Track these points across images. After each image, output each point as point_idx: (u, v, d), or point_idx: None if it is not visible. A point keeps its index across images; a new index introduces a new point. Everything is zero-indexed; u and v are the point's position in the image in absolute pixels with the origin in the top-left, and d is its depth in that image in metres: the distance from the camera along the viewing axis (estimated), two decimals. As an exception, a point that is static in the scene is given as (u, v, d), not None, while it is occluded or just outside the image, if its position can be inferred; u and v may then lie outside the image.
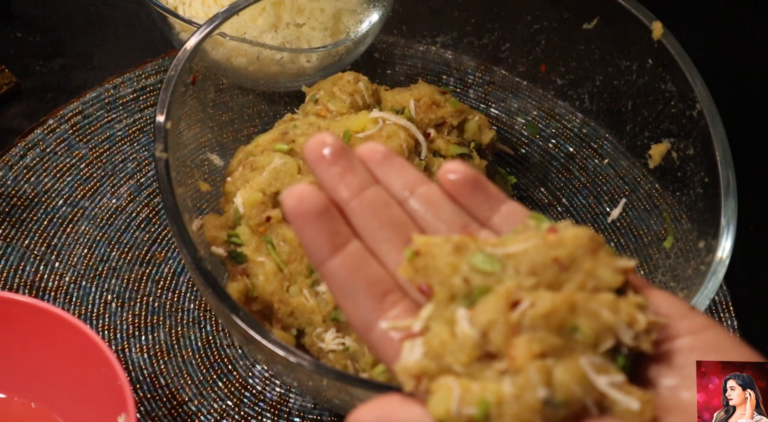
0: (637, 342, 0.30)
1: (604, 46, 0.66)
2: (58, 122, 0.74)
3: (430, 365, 0.29)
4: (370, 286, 0.33)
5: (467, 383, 0.29)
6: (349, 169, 0.35)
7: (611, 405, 0.29)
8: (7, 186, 0.70)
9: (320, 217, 0.33)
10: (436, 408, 0.29)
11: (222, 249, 0.57)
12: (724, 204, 0.53)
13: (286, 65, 0.69)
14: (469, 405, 0.28)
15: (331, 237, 0.33)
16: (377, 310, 0.33)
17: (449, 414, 0.28)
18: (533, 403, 0.28)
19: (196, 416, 0.60)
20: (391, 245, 0.34)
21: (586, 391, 0.28)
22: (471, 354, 0.29)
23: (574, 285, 0.30)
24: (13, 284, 0.65)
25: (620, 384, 0.29)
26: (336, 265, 0.33)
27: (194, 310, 0.65)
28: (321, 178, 0.35)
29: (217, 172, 0.63)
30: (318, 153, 0.35)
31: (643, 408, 0.28)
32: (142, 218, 0.70)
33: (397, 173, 0.36)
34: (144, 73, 0.78)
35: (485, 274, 0.31)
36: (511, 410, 0.28)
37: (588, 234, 0.31)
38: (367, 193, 0.35)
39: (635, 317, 0.30)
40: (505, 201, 0.36)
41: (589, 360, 0.29)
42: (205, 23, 0.58)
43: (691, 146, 0.59)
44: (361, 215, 0.34)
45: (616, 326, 0.29)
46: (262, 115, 0.69)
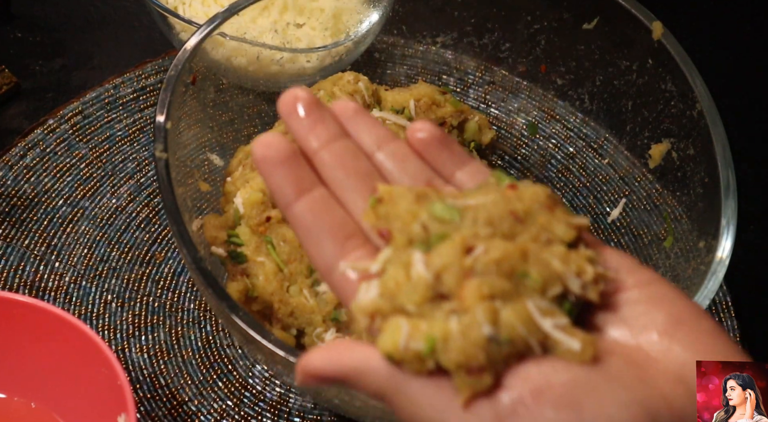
0: (585, 292, 0.31)
1: (604, 46, 0.66)
2: (58, 122, 0.74)
3: (384, 304, 0.30)
4: (333, 229, 0.34)
5: (416, 321, 0.30)
6: (319, 121, 0.36)
7: (554, 346, 0.30)
8: (7, 186, 0.70)
9: (286, 162, 0.34)
10: (384, 344, 0.30)
11: (222, 249, 0.57)
12: (724, 204, 0.53)
13: (286, 65, 0.69)
14: (416, 340, 0.29)
15: (297, 181, 0.34)
16: (339, 252, 0.34)
17: (397, 348, 0.29)
18: (478, 339, 0.29)
19: (196, 416, 0.60)
20: (356, 194, 0.35)
21: (531, 331, 0.29)
22: (424, 294, 0.30)
23: (528, 236, 0.32)
24: (13, 284, 0.65)
25: (564, 326, 0.30)
26: (301, 208, 0.34)
27: (194, 310, 0.65)
28: (292, 129, 0.36)
29: (217, 172, 0.63)
30: (291, 105, 0.36)
31: (584, 349, 0.29)
32: (142, 218, 0.70)
33: (368, 129, 0.37)
34: (144, 73, 0.78)
35: (443, 222, 0.32)
36: (456, 345, 0.29)
37: (546, 192, 0.33)
38: (336, 144, 0.36)
39: (584, 267, 0.31)
40: (470, 160, 0.37)
41: (536, 303, 0.30)
42: (205, 23, 0.58)
43: (691, 146, 0.59)
44: (329, 165, 0.35)
45: (565, 274, 0.31)
46: (262, 115, 0.69)
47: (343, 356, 0.31)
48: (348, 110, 0.37)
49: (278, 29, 0.70)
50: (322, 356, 0.31)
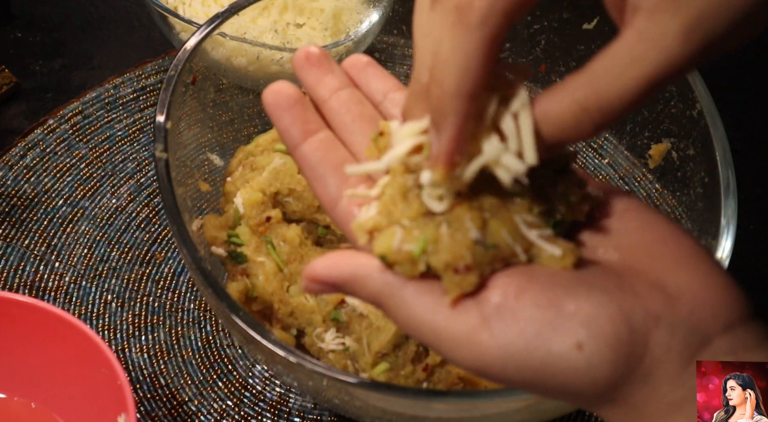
0: (571, 211, 0.33)
1: (603, 46, 0.66)
2: (58, 122, 0.74)
3: (381, 221, 0.32)
4: (337, 167, 0.36)
5: (410, 229, 0.32)
6: (328, 72, 0.38)
7: (538, 254, 0.32)
8: (7, 186, 0.70)
9: (293, 106, 0.37)
10: (379, 246, 0.32)
11: (222, 249, 0.57)
12: (724, 204, 0.53)
13: (286, 65, 0.69)
14: (409, 242, 0.31)
15: (303, 124, 0.37)
16: (342, 188, 0.36)
17: (391, 249, 0.31)
18: (465, 241, 0.31)
19: (196, 416, 0.60)
20: (361, 136, 0.37)
21: (515, 238, 0.31)
22: (418, 210, 0.32)
23: None
24: (13, 284, 0.65)
25: (547, 236, 0.32)
26: (307, 148, 0.37)
27: (194, 310, 0.65)
28: (302, 79, 0.38)
29: (217, 172, 0.63)
30: (302, 60, 0.39)
31: (565, 255, 0.31)
32: (142, 218, 0.70)
33: (376, 79, 0.39)
34: (144, 73, 0.78)
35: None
36: (445, 247, 0.31)
37: None
38: (342, 92, 0.38)
39: (571, 189, 0.33)
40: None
41: (522, 217, 0.32)
42: (205, 23, 0.58)
43: (691, 146, 0.59)
44: (336, 111, 0.38)
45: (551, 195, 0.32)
46: (262, 115, 0.69)
47: (343, 263, 0.33)
48: (360, 61, 0.39)
49: (278, 29, 0.70)
50: (325, 263, 0.33)
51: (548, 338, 0.29)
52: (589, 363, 0.29)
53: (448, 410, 0.46)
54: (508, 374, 0.30)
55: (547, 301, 0.29)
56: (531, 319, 0.29)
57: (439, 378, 0.54)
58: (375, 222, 0.33)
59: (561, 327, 0.29)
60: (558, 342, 0.29)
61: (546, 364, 0.29)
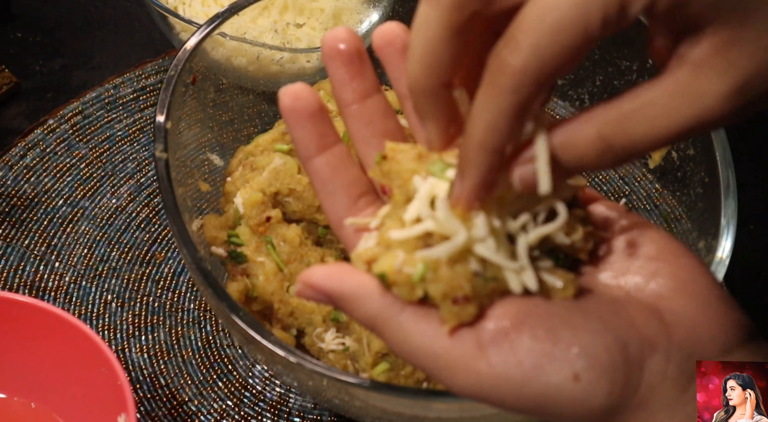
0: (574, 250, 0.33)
1: (604, 46, 0.66)
2: (58, 122, 0.74)
3: (379, 251, 0.32)
4: (348, 186, 0.36)
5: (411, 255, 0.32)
6: (359, 73, 0.36)
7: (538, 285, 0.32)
8: (7, 186, 0.70)
9: (312, 117, 0.35)
10: (379, 267, 0.32)
11: (222, 249, 0.57)
12: (724, 204, 0.53)
13: (286, 65, 0.69)
14: (409, 266, 0.31)
15: (320, 137, 0.35)
16: (351, 208, 0.36)
17: (391, 269, 0.31)
18: (465, 273, 0.31)
19: (196, 416, 0.60)
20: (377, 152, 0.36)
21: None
22: (416, 244, 0.32)
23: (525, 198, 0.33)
24: (13, 284, 0.65)
25: (548, 268, 0.32)
26: (320, 163, 0.36)
27: (194, 310, 0.65)
28: (331, 74, 0.36)
29: (217, 172, 0.63)
30: (333, 47, 0.35)
31: (566, 286, 0.31)
32: (142, 218, 0.70)
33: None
34: (144, 73, 0.78)
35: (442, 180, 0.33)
36: (444, 276, 0.31)
37: None
38: (369, 101, 0.36)
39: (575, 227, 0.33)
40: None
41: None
42: (205, 23, 0.58)
43: (691, 146, 0.59)
44: (358, 120, 0.36)
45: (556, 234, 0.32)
46: (262, 115, 0.69)
47: (343, 277, 0.32)
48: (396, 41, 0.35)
49: (278, 29, 0.70)
50: (324, 272, 0.33)
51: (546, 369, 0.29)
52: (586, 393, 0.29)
53: (448, 410, 0.46)
54: (506, 402, 0.30)
55: (545, 332, 0.30)
56: (529, 350, 0.30)
57: (439, 378, 0.54)
58: (373, 253, 0.32)
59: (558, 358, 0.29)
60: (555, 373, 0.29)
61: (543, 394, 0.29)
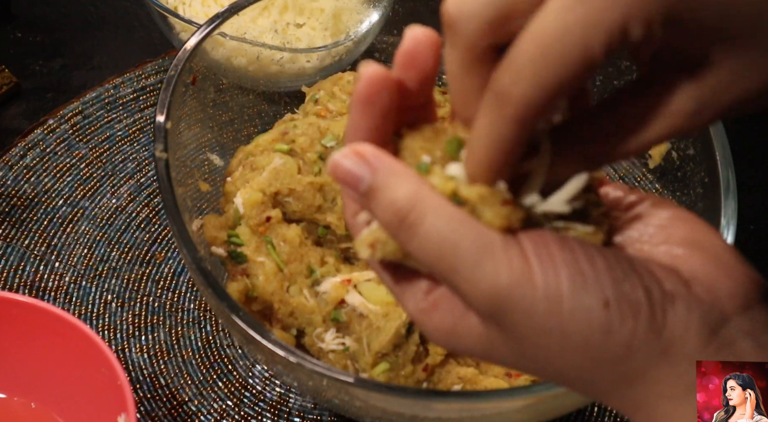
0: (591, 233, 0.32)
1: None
2: (58, 122, 0.74)
3: (381, 234, 0.32)
4: None
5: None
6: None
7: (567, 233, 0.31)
8: (7, 186, 0.70)
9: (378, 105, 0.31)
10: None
11: (222, 249, 0.57)
12: (724, 204, 0.53)
13: (286, 65, 0.69)
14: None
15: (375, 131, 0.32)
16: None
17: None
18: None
19: (196, 416, 0.60)
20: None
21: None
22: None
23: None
24: (13, 284, 0.65)
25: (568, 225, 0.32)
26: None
27: (194, 310, 0.65)
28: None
29: (217, 172, 0.63)
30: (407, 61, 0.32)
31: (596, 230, 0.31)
32: (142, 218, 0.70)
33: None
34: (144, 73, 0.78)
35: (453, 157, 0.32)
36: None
37: None
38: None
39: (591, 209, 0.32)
40: None
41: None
42: (205, 23, 0.58)
43: (691, 146, 0.59)
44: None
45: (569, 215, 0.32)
46: (262, 115, 0.69)
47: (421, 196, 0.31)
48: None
49: (278, 29, 0.70)
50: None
51: (580, 287, 0.29)
52: (611, 324, 0.29)
53: (448, 410, 0.46)
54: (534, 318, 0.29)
55: (583, 253, 0.29)
56: (566, 264, 0.29)
57: (439, 378, 0.54)
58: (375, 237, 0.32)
59: (593, 280, 0.29)
60: (589, 293, 0.29)
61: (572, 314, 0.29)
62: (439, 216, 0.29)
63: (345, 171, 0.31)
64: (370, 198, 0.31)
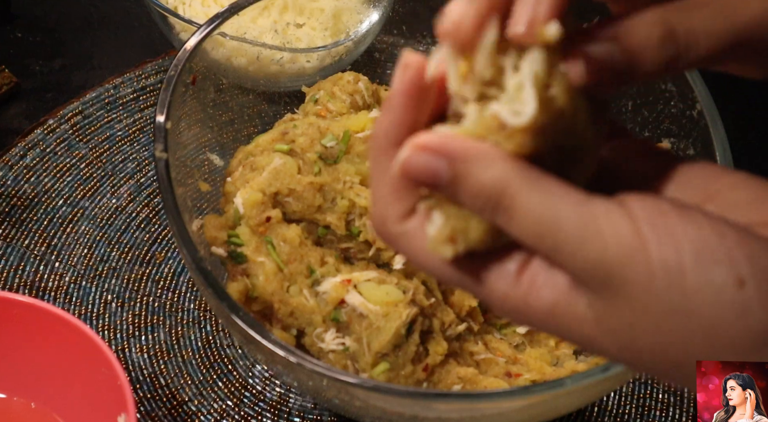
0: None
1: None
2: (58, 122, 0.74)
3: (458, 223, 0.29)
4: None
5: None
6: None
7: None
8: (7, 186, 0.70)
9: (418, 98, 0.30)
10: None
11: (222, 249, 0.57)
12: (724, 204, 0.53)
13: (286, 65, 0.69)
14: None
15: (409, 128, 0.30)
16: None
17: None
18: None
19: (196, 416, 0.60)
20: None
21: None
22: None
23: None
24: (13, 284, 0.65)
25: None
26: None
27: (194, 310, 0.65)
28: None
29: (217, 172, 0.63)
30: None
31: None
32: (142, 218, 0.70)
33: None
34: (144, 73, 0.78)
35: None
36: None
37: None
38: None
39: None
40: None
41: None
42: (205, 23, 0.58)
43: (691, 146, 0.59)
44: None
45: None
46: (262, 115, 0.69)
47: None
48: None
49: (278, 29, 0.70)
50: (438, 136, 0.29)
51: (707, 260, 0.25)
52: (747, 306, 0.24)
53: (448, 410, 0.46)
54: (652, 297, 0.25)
55: (708, 222, 0.25)
56: (687, 233, 0.25)
57: (439, 378, 0.54)
58: (451, 228, 0.29)
59: (722, 254, 0.25)
60: (719, 270, 0.24)
61: (698, 293, 0.25)
62: (532, 193, 0.27)
63: (420, 170, 0.28)
64: (455, 189, 0.28)
